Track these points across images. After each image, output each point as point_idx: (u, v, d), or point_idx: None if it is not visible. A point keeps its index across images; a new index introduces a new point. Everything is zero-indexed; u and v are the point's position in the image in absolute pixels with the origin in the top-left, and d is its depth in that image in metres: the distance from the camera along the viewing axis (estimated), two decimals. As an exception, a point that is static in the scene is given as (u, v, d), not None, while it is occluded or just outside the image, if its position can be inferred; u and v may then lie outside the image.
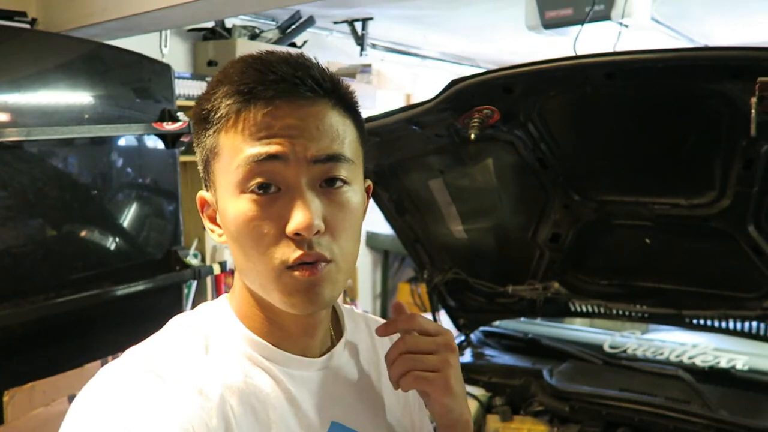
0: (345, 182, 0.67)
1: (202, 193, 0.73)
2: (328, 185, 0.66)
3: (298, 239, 0.63)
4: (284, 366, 0.70)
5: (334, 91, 0.68)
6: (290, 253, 0.64)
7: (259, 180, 0.63)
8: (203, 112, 0.67)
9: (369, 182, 0.77)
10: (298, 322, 0.71)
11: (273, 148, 0.63)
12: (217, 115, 0.65)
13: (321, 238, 0.64)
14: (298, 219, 0.62)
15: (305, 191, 0.64)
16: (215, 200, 0.70)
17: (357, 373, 0.80)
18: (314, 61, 0.69)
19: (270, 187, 0.64)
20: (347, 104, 0.69)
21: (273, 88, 0.63)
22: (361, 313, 0.91)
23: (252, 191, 0.64)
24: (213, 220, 0.72)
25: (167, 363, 0.64)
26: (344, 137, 0.67)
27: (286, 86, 0.64)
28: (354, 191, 0.68)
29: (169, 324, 0.72)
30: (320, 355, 0.75)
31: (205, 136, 0.68)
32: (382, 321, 0.92)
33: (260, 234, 0.64)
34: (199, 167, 0.72)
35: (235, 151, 0.64)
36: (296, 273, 0.64)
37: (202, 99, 0.68)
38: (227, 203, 0.66)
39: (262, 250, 0.64)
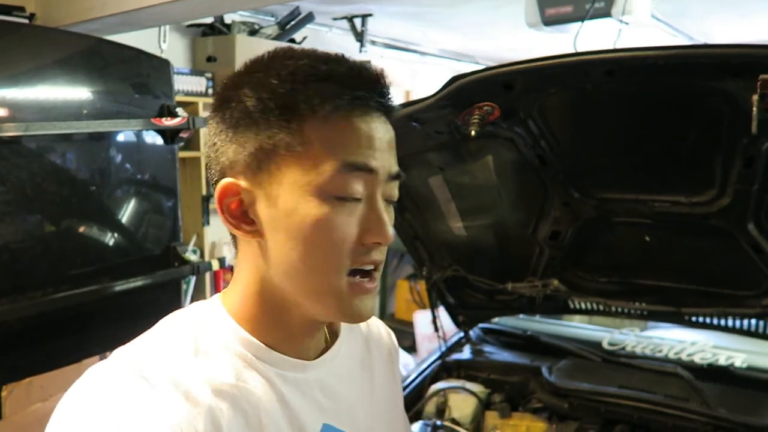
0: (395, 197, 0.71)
1: (235, 181, 0.66)
2: (389, 200, 0.70)
3: (374, 247, 0.67)
4: (278, 368, 0.69)
5: (393, 110, 0.71)
6: (368, 257, 0.67)
7: (349, 189, 0.65)
8: (289, 101, 0.63)
9: None
10: (307, 324, 0.71)
11: (371, 161, 0.65)
12: (314, 111, 0.63)
13: (383, 247, 0.69)
14: (383, 230, 0.67)
15: (382, 204, 0.68)
16: (264, 194, 0.66)
17: (351, 376, 0.79)
18: (386, 75, 0.70)
19: (355, 195, 0.65)
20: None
21: (381, 101, 0.66)
22: None
23: (336, 197, 0.64)
24: (234, 213, 0.67)
25: (155, 365, 0.62)
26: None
27: (385, 102, 0.67)
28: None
29: (160, 324, 0.70)
30: (315, 357, 0.74)
31: (279, 125, 0.64)
32: (381, 323, 0.92)
33: (338, 239, 0.65)
34: (240, 153, 0.65)
35: (327, 154, 0.63)
36: (364, 281, 0.68)
37: (285, 87, 0.64)
38: (298, 203, 0.64)
39: (334, 255, 0.65)
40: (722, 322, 1.77)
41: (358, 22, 3.77)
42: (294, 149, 0.64)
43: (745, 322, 1.76)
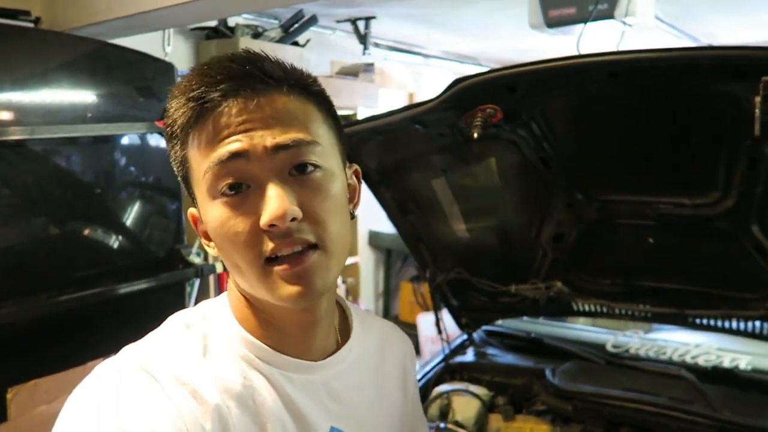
0: (316, 166, 0.65)
1: (192, 210, 0.72)
2: (299, 172, 0.64)
3: (274, 231, 0.62)
4: (281, 368, 0.69)
5: (286, 78, 0.66)
6: (267, 245, 0.63)
7: (226, 181, 0.63)
8: (168, 129, 0.67)
9: (355, 166, 0.76)
10: (295, 321, 0.70)
11: (233, 146, 0.62)
12: (177, 128, 0.66)
13: (301, 225, 0.63)
14: (270, 209, 0.61)
15: (273, 182, 0.62)
16: (199, 213, 0.70)
17: (361, 378, 0.79)
18: (264, 54, 0.68)
19: (240, 187, 0.63)
20: (305, 88, 0.68)
21: (221, 89, 0.63)
22: (375, 317, 0.90)
23: (223, 194, 0.63)
24: (205, 235, 0.71)
25: (163, 363, 0.63)
26: (305, 121, 0.66)
27: (234, 84, 0.63)
28: (329, 175, 0.67)
29: (168, 322, 0.71)
30: (323, 358, 0.74)
31: (174, 151, 0.68)
32: (399, 332, 0.91)
33: (236, 233, 0.63)
34: (182, 184, 0.71)
35: (200, 158, 0.65)
36: (276, 269, 0.63)
37: (165, 117, 0.68)
38: (206, 212, 0.66)
39: (241, 250, 0.64)
40: (726, 324, 1.76)
41: (361, 24, 3.77)
42: (186, 168, 0.67)
43: (750, 324, 1.75)
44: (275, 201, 0.61)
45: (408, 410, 0.91)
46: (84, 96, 1.90)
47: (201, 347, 0.67)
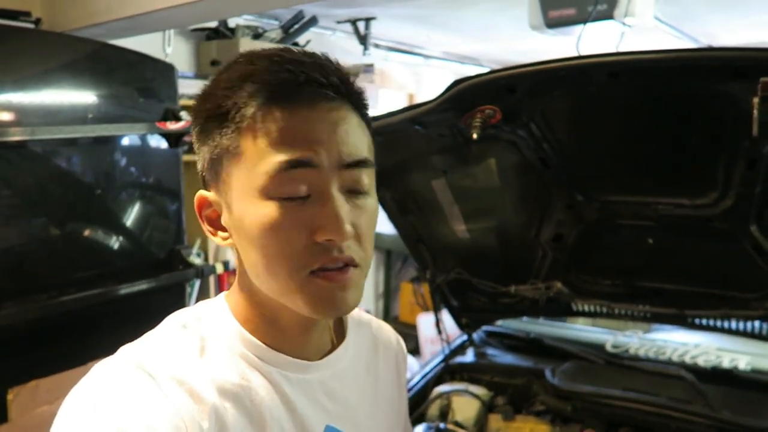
0: (369, 187, 0.66)
1: (204, 193, 0.68)
2: (353, 191, 0.65)
3: (328, 245, 0.62)
4: (280, 368, 0.70)
5: (353, 93, 0.66)
6: (317, 258, 0.62)
7: (288, 186, 0.61)
8: (222, 109, 0.63)
9: None
10: (299, 322, 0.70)
11: (305, 153, 0.61)
12: (242, 114, 0.62)
13: (351, 243, 0.64)
14: (332, 225, 0.61)
15: (336, 197, 0.62)
16: (224, 202, 0.67)
17: (355, 378, 0.79)
18: (335, 60, 0.66)
19: (299, 194, 0.62)
20: (365, 108, 0.68)
21: (307, 91, 0.61)
22: (370, 317, 0.90)
23: (280, 197, 0.62)
24: (213, 222, 0.69)
25: (160, 363, 0.63)
26: (365, 141, 0.67)
27: (318, 88, 0.62)
28: (374, 196, 0.68)
29: (166, 322, 0.71)
30: (319, 358, 0.74)
31: (219, 134, 0.63)
32: (391, 329, 0.92)
33: (287, 240, 0.62)
34: (202, 165, 0.68)
35: (262, 153, 0.61)
36: (319, 281, 0.63)
37: (218, 95, 0.64)
38: (248, 207, 0.63)
39: (288, 257, 0.62)
40: (726, 324, 1.77)
41: (361, 25, 3.78)
42: (235, 154, 0.63)
43: (749, 324, 1.75)
44: (338, 218, 0.61)
45: (403, 408, 0.92)
46: (84, 97, 1.91)
47: (198, 347, 0.67)
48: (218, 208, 0.68)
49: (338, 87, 0.63)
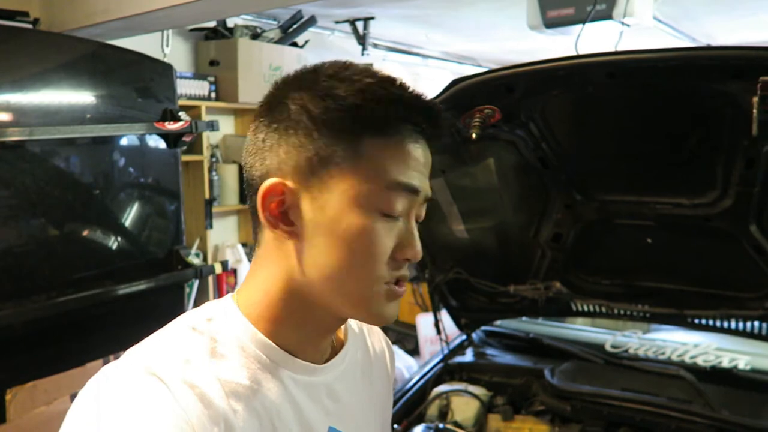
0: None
1: (284, 182, 0.66)
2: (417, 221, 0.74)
3: (405, 263, 0.71)
4: (291, 371, 0.70)
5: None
6: (396, 272, 0.70)
7: (394, 206, 0.68)
8: (357, 115, 0.65)
9: None
10: (328, 326, 0.73)
11: (418, 183, 0.69)
12: (384, 127, 0.66)
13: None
14: (416, 248, 0.71)
15: (416, 225, 0.72)
16: (310, 198, 0.66)
17: (353, 381, 0.80)
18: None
19: (397, 214, 0.69)
20: None
21: (431, 133, 0.70)
22: (360, 323, 0.90)
23: (382, 213, 0.67)
24: (275, 213, 0.67)
25: (169, 365, 0.62)
26: None
27: (434, 129, 0.71)
28: None
29: (174, 323, 0.70)
30: (324, 361, 0.75)
31: (340, 136, 0.65)
32: (381, 333, 0.93)
33: (378, 252, 0.67)
34: (292, 158, 0.66)
35: (382, 171, 0.66)
36: (398, 289, 0.71)
37: (355, 100, 0.65)
38: (349, 212, 0.66)
39: (374, 266, 0.68)
40: (725, 324, 1.77)
41: (360, 25, 3.78)
42: (350, 162, 0.66)
43: (748, 324, 1.75)
44: (418, 243, 0.71)
45: (389, 413, 0.93)
46: (83, 97, 1.90)
47: (209, 348, 0.66)
48: (291, 201, 0.67)
49: (438, 132, 0.72)
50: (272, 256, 0.70)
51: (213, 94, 3.29)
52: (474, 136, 1.38)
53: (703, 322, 1.79)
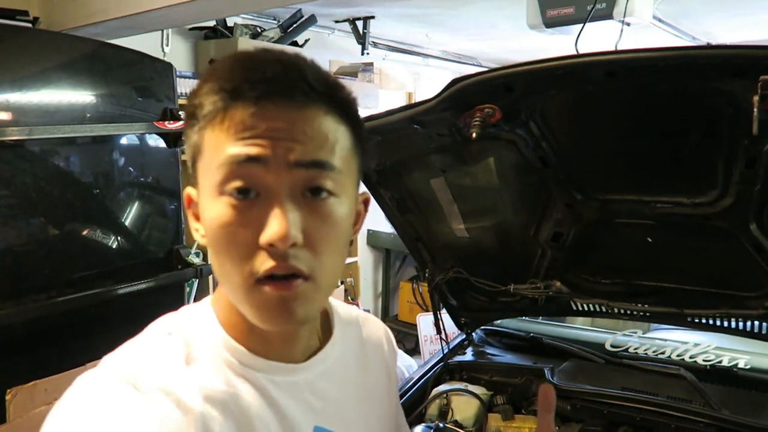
0: (331, 193, 0.63)
1: (189, 190, 0.69)
2: (312, 195, 0.62)
3: (271, 250, 0.59)
4: (267, 373, 0.69)
5: (329, 95, 0.64)
6: (261, 263, 0.60)
7: (237, 183, 0.60)
8: (190, 108, 0.64)
9: (367, 194, 0.74)
10: (276, 332, 0.69)
11: (254, 149, 0.60)
12: (203, 112, 0.62)
13: (299, 251, 0.61)
14: (272, 229, 0.58)
15: (284, 199, 0.60)
16: (200, 201, 0.66)
17: (346, 374, 0.78)
18: (310, 62, 0.65)
19: (249, 192, 0.60)
20: (344, 110, 0.66)
21: (260, 88, 0.60)
22: (357, 312, 0.89)
23: (230, 194, 0.60)
24: (197, 218, 0.68)
25: (145, 373, 0.61)
26: (334, 144, 0.63)
27: (275, 87, 0.60)
28: (340, 203, 0.64)
29: (149, 329, 0.69)
30: (306, 359, 0.73)
31: (191, 132, 0.65)
32: (379, 322, 0.91)
33: (234, 242, 0.60)
34: (189, 164, 0.68)
35: (216, 150, 0.61)
36: (266, 288, 0.60)
37: (191, 95, 0.65)
38: (205, 204, 0.63)
39: (235, 260, 0.61)
40: (725, 323, 1.76)
41: (360, 24, 3.77)
42: (199, 152, 0.64)
43: (749, 323, 1.75)
44: (280, 222, 0.59)
45: (394, 399, 0.91)
46: (82, 96, 1.90)
47: (184, 355, 0.65)
48: (198, 205, 0.68)
49: (302, 88, 0.61)
50: None
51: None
52: (474, 135, 1.38)
53: (703, 321, 1.79)
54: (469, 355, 2.05)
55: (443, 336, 2.05)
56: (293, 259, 0.60)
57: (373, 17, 3.71)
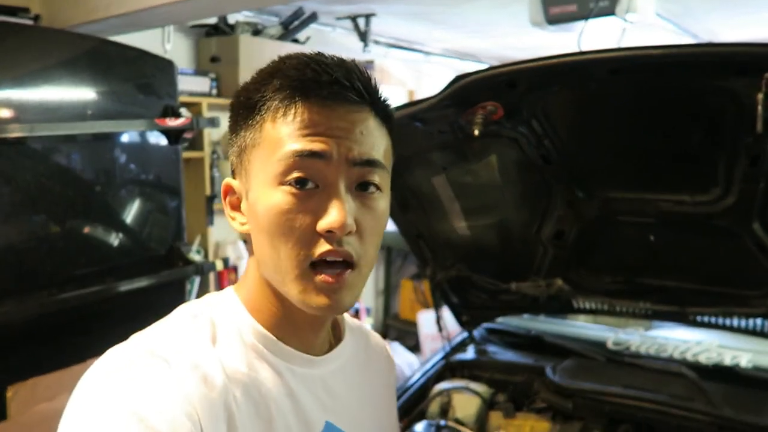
0: (377, 188, 0.69)
1: (230, 181, 0.73)
2: (361, 189, 0.68)
3: (329, 236, 0.65)
4: (288, 362, 0.71)
5: (376, 99, 0.70)
6: (317, 248, 0.65)
7: (299, 174, 0.65)
8: (250, 102, 0.68)
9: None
10: (312, 319, 0.72)
11: (318, 146, 0.65)
12: (266, 106, 0.67)
13: (351, 239, 0.66)
14: (332, 217, 0.64)
15: (342, 191, 0.65)
16: (244, 189, 0.70)
17: (351, 377, 0.81)
18: (362, 67, 0.71)
19: (308, 183, 0.65)
20: (386, 114, 0.72)
21: (327, 89, 0.65)
22: (360, 324, 0.92)
23: (290, 184, 0.65)
24: (235, 208, 0.73)
25: (173, 348, 0.64)
26: (381, 145, 0.70)
27: (339, 89, 0.66)
28: (383, 198, 0.71)
29: (176, 312, 0.72)
30: (321, 355, 0.76)
31: (247, 125, 0.69)
32: (380, 339, 0.94)
33: (292, 227, 0.65)
34: (233, 155, 0.72)
35: (278, 143, 0.66)
36: (318, 278, 0.65)
37: (250, 89, 0.69)
38: (261, 194, 0.67)
39: (291, 244, 0.65)
40: (727, 321, 1.76)
41: (361, 21, 3.77)
42: (257, 144, 0.68)
43: (751, 321, 1.75)
44: (340, 210, 0.64)
45: (394, 413, 0.94)
46: (84, 93, 1.90)
47: (210, 335, 0.68)
48: (240, 195, 0.72)
49: (360, 91, 0.67)
50: (251, 248, 0.73)
51: (214, 91, 3.28)
52: (476, 132, 1.38)
53: (706, 319, 1.79)
54: (470, 353, 2.05)
55: (444, 334, 2.05)
56: (346, 245, 0.66)
57: (374, 14, 3.70)
